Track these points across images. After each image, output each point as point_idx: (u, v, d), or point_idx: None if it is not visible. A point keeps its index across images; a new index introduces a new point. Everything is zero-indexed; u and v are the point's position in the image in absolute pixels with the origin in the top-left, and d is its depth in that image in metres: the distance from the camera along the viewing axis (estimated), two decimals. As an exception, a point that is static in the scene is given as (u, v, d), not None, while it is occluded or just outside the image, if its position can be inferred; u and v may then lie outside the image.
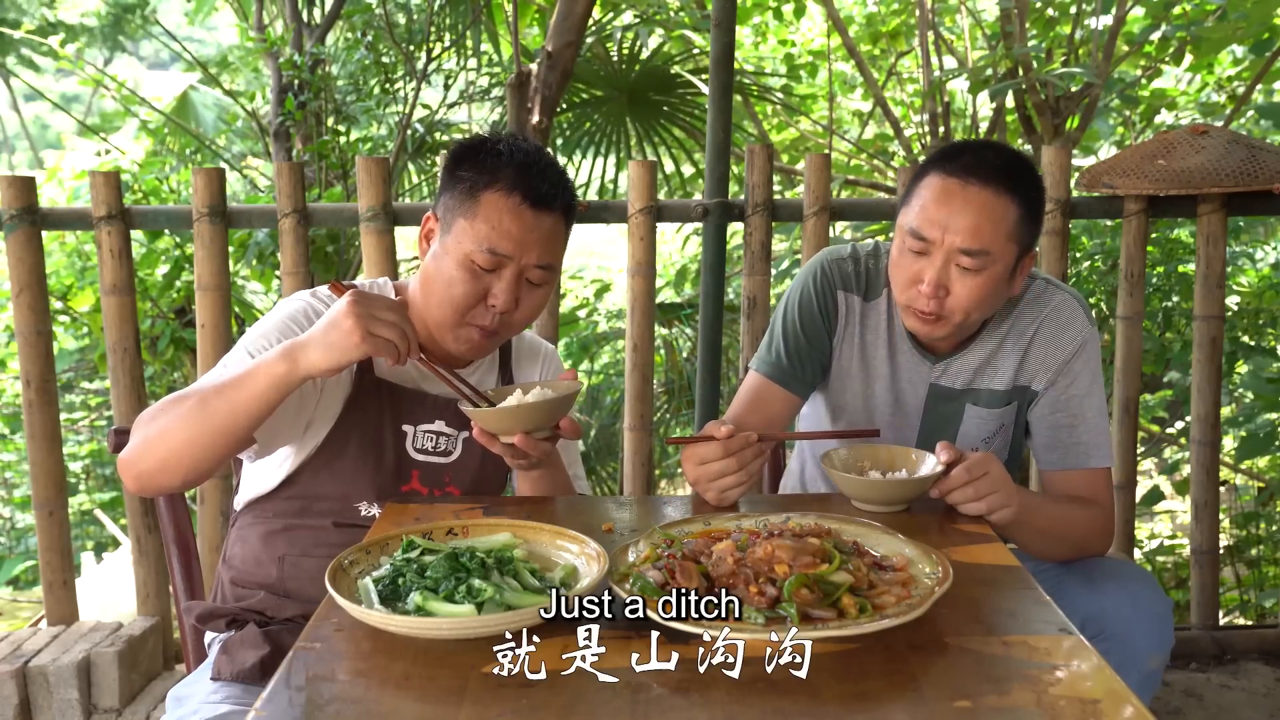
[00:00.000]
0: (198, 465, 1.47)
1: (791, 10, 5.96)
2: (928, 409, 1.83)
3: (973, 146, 1.70)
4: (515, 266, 1.56)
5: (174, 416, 1.45)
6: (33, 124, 14.95)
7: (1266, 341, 4.51)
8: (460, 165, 1.59)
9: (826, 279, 1.84)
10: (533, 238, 1.56)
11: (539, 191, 1.56)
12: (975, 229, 1.63)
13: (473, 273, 1.56)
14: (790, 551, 1.16)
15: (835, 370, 1.87)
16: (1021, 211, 1.65)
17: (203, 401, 1.43)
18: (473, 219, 1.55)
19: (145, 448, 1.46)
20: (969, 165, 1.65)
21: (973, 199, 1.64)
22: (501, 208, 1.55)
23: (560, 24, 3.89)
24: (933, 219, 1.65)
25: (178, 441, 1.44)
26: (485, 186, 1.56)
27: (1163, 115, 5.23)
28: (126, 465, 1.48)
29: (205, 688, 1.51)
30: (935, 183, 1.67)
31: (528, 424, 1.46)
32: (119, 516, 5.08)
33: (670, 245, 6.95)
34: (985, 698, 0.98)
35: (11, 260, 2.70)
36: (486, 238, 1.54)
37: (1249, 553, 3.98)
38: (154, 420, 1.47)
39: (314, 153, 4.66)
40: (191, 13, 6.50)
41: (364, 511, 1.63)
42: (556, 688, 1.00)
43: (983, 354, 1.80)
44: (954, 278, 1.66)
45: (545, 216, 1.57)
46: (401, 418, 1.66)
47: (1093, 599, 1.65)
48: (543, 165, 1.59)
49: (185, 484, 1.51)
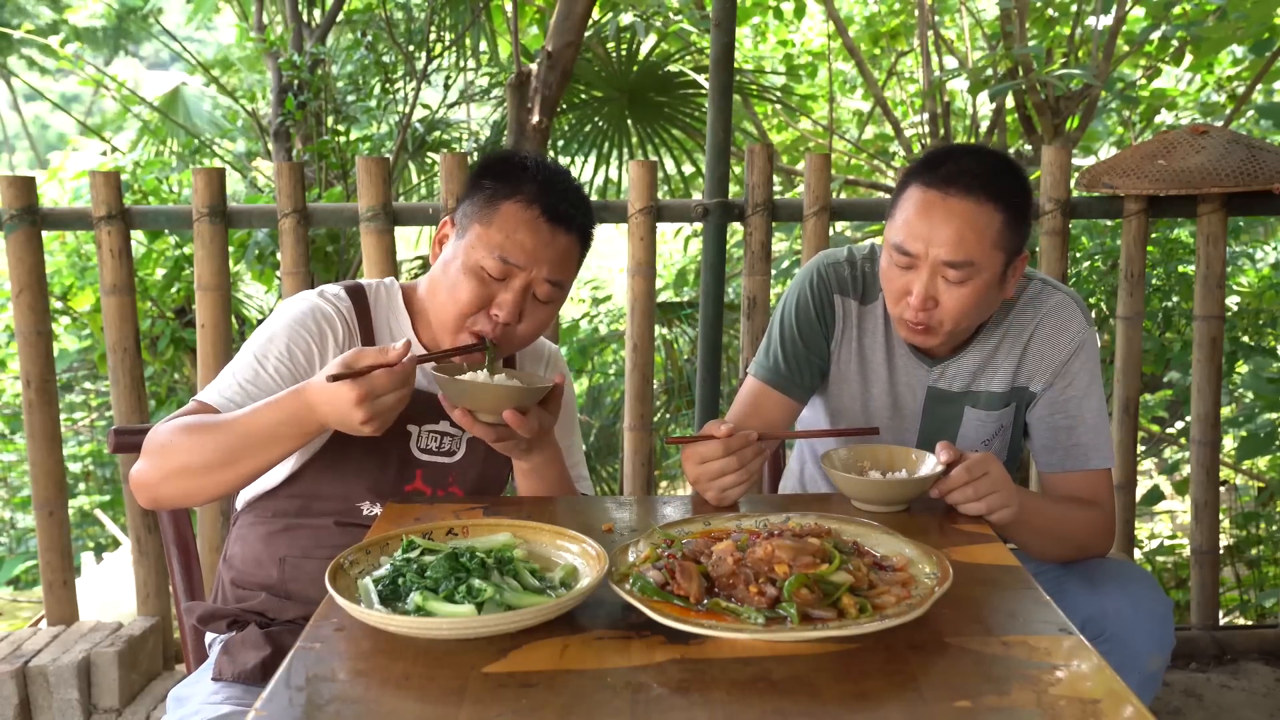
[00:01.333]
0: (211, 494, 1.50)
1: (792, 10, 5.96)
2: (926, 412, 1.83)
3: (954, 154, 1.68)
4: (524, 279, 1.57)
5: (188, 449, 1.44)
6: (33, 124, 14.94)
7: (1266, 341, 4.51)
8: (485, 175, 1.62)
9: (823, 283, 1.84)
10: (546, 253, 1.57)
11: (558, 209, 1.58)
12: (958, 240, 1.61)
13: (481, 279, 1.56)
14: (790, 551, 1.16)
15: (834, 374, 1.87)
16: (1005, 218, 1.63)
17: (216, 442, 1.43)
18: (489, 226, 1.57)
19: (160, 474, 1.46)
20: (949, 175, 1.63)
21: (954, 210, 1.62)
22: (519, 218, 1.56)
23: (560, 24, 3.89)
24: (915, 232, 1.64)
25: (193, 475, 1.45)
26: (506, 197, 1.58)
27: (1163, 115, 5.23)
28: (142, 487, 1.48)
29: (206, 688, 1.51)
30: (916, 195, 1.66)
31: (472, 401, 1.45)
32: (119, 516, 5.09)
33: (670, 245, 6.95)
34: (985, 698, 0.98)
35: (11, 260, 2.70)
36: (500, 246, 1.55)
37: (1249, 553, 3.98)
38: (170, 449, 1.45)
39: (314, 153, 4.66)
40: (191, 13, 6.50)
41: (366, 511, 1.63)
42: (556, 688, 1.00)
43: (980, 356, 1.80)
44: (941, 289, 1.65)
45: (561, 234, 1.59)
46: (406, 417, 1.66)
47: (1093, 600, 1.65)
48: (566, 186, 1.61)
49: (202, 505, 1.53)
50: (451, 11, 4.87)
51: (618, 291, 6.11)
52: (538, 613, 1.10)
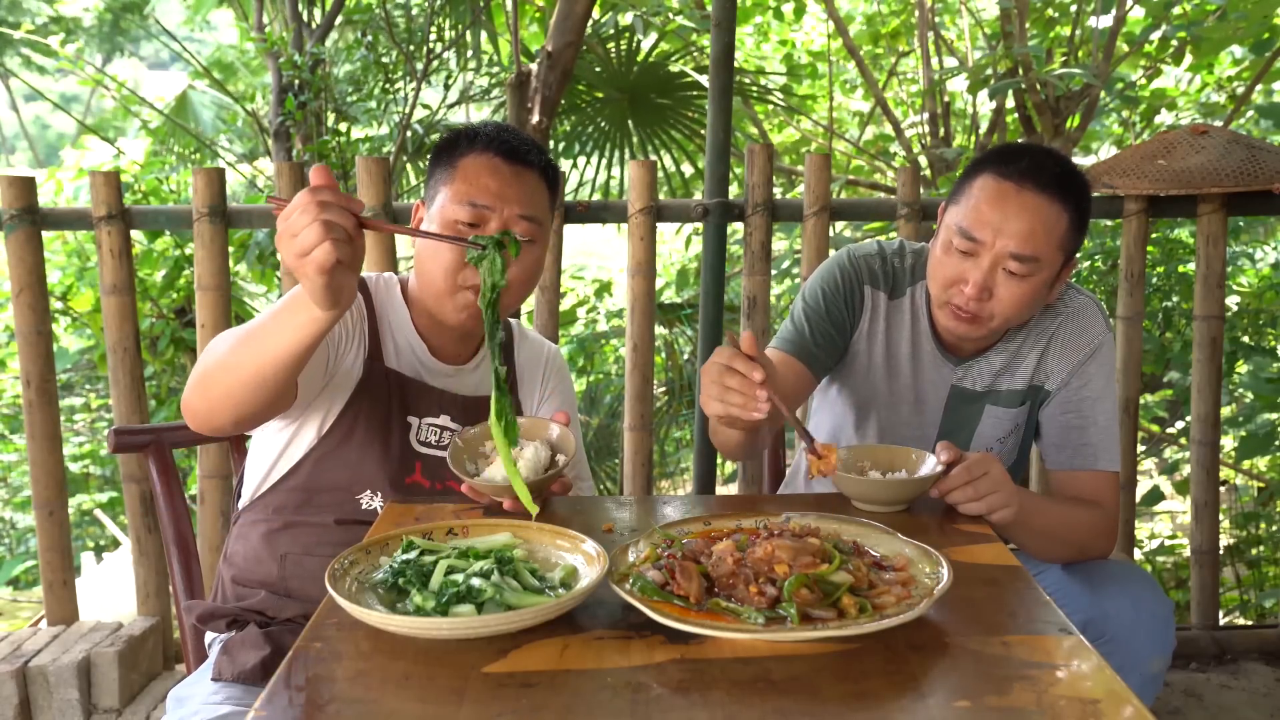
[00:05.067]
0: (240, 409, 1.40)
1: (792, 10, 5.96)
2: (948, 410, 1.83)
3: (1030, 150, 1.69)
4: (499, 220, 1.59)
5: (214, 365, 1.39)
6: (33, 124, 14.95)
7: (1266, 341, 4.51)
8: (440, 151, 1.67)
9: (855, 271, 1.83)
10: (511, 191, 1.60)
11: (513, 147, 1.62)
12: (1028, 234, 1.62)
13: (457, 233, 1.58)
14: (790, 551, 1.16)
15: (858, 366, 1.85)
16: (1071, 219, 1.65)
17: (234, 351, 1.36)
18: (452, 183, 1.61)
19: (196, 393, 1.42)
20: (1026, 170, 1.63)
21: (1028, 204, 1.62)
22: (478, 165, 1.61)
23: (560, 24, 3.89)
24: (985, 220, 1.63)
25: (220, 389, 1.39)
26: (463, 154, 1.62)
27: (1163, 115, 5.23)
28: (186, 409, 1.45)
29: (206, 688, 1.51)
30: (990, 184, 1.65)
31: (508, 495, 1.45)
32: (119, 516, 5.09)
33: (670, 245, 6.95)
34: (985, 698, 0.98)
35: (11, 260, 2.70)
36: (466, 194, 1.59)
37: (1249, 553, 3.98)
38: (201, 363, 1.42)
39: (314, 153, 4.66)
40: (190, 14, 6.50)
41: (366, 504, 1.63)
42: (556, 688, 1.00)
43: (1004, 357, 1.80)
44: (999, 281, 1.65)
45: (523, 171, 1.63)
46: (407, 409, 1.66)
47: (1094, 602, 1.65)
48: (517, 133, 1.67)
49: (238, 426, 1.46)
50: (451, 12, 4.87)
51: (618, 291, 6.11)
52: (538, 613, 1.10)
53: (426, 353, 1.69)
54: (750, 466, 2.85)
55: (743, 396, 1.35)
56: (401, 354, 1.68)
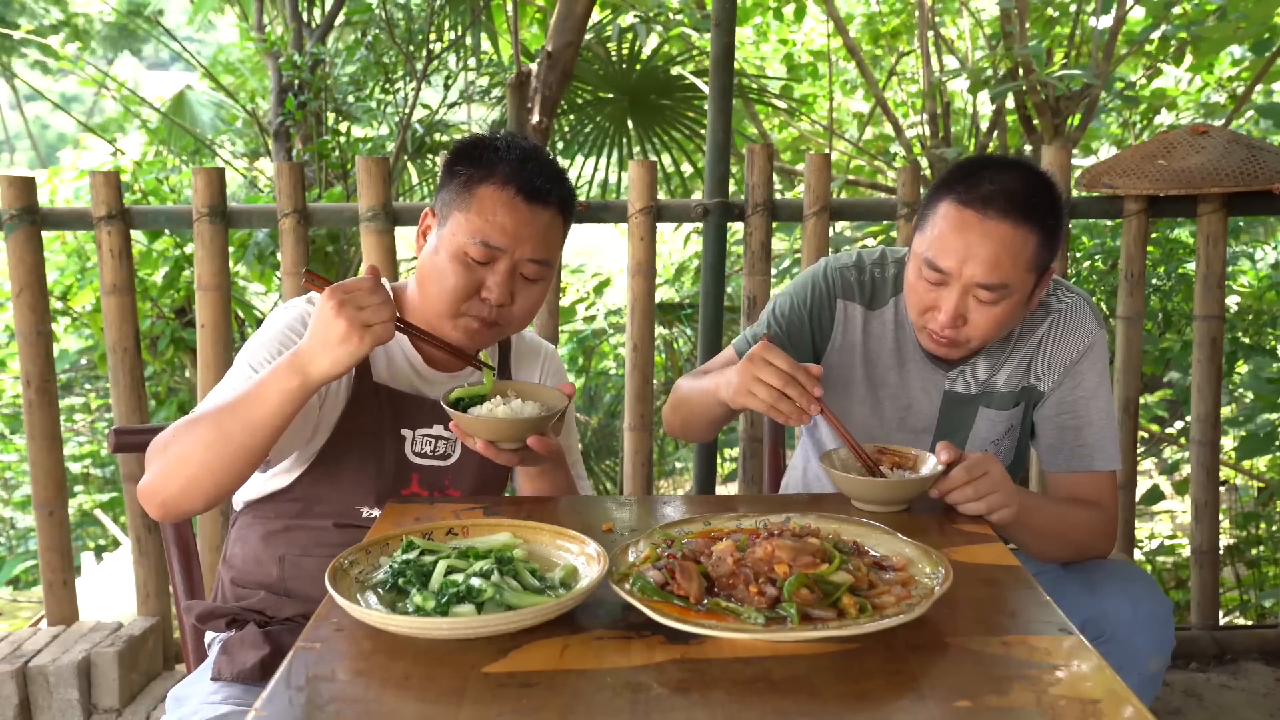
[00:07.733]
0: (219, 487, 1.45)
1: (792, 11, 5.96)
2: (942, 415, 1.83)
3: (990, 169, 1.64)
4: (509, 260, 1.57)
5: (190, 442, 1.43)
6: (33, 124, 14.94)
7: (1266, 341, 4.51)
8: (458, 161, 1.61)
9: (829, 285, 1.83)
10: (526, 231, 1.57)
11: (533, 185, 1.57)
12: (994, 263, 1.59)
13: (466, 265, 1.56)
14: (790, 551, 1.16)
15: (837, 379, 1.85)
16: (1040, 239, 1.61)
17: (218, 424, 1.41)
18: (467, 211, 1.56)
19: (165, 476, 1.44)
20: (987, 196, 1.60)
21: (991, 232, 1.59)
22: (496, 200, 1.56)
23: (560, 24, 3.89)
24: (950, 249, 1.61)
25: (196, 467, 1.42)
26: (481, 180, 1.57)
27: (1163, 115, 5.23)
28: (148, 494, 1.46)
29: (205, 688, 1.51)
30: (952, 212, 1.62)
31: (493, 434, 1.46)
32: (119, 516, 5.09)
33: (670, 245, 6.95)
34: (985, 698, 0.98)
35: (11, 260, 2.70)
36: (480, 230, 1.55)
37: (1249, 553, 3.98)
38: (169, 447, 1.45)
39: (314, 153, 4.66)
40: (192, 14, 6.50)
41: (365, 514, 1.63)
42: (556, 688, 1.00)
43: (995, 359, 1.80)
44: (971, 307, 1.64)
45: (540, 211, 1.58)
46: (400, 422, 1.66)
47: (1093, 601, 1.65)
48: (540, 161, 1.60)
49: (208, 505, 1.49)
50: (451, 11, 4.87)
51: (618, 289, 6.11)
52: (538, 613, 1.10)
53: (422, 362, 1.69)
54: (750, 466, 2.85)
55: (795, 408, 1.51)
56: (394, 366, 1.67)
